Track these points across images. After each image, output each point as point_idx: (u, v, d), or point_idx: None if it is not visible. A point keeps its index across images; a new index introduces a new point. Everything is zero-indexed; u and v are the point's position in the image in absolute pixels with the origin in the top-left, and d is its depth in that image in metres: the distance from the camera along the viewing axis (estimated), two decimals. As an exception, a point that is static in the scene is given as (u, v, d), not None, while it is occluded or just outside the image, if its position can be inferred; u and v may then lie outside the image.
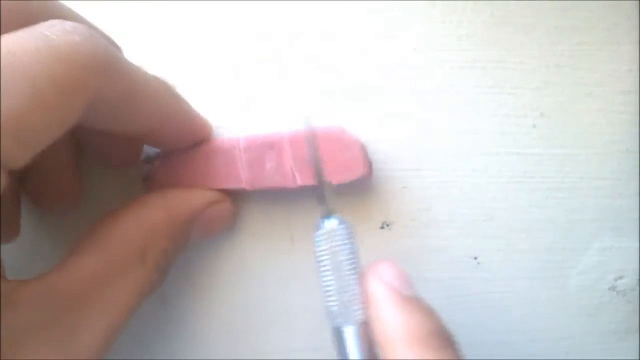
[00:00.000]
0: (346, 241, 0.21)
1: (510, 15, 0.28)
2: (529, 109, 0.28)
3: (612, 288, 0.28)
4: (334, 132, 0.25)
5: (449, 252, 0.27)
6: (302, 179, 0.24)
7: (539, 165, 0.28)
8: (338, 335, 0.21)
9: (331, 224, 0.21)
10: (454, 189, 0.27)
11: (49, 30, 0.17)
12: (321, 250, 0.21)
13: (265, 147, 0.25)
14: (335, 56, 0.27)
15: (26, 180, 0.23)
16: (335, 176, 0.24)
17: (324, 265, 0.21)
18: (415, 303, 0.20)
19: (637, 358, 0.28)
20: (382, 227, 0.27)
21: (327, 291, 0.21)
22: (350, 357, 0.21)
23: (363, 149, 0.25)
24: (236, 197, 0.26)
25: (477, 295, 0.27)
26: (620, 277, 0.28)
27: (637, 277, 0.28)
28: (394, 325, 0.20)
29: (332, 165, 0.24)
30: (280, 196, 0.26)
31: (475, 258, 0.27)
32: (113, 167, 0.26)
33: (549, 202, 0.28)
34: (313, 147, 0.23)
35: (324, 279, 0.21)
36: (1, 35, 0.17)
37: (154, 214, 0.22)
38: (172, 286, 0.26)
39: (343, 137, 0.25)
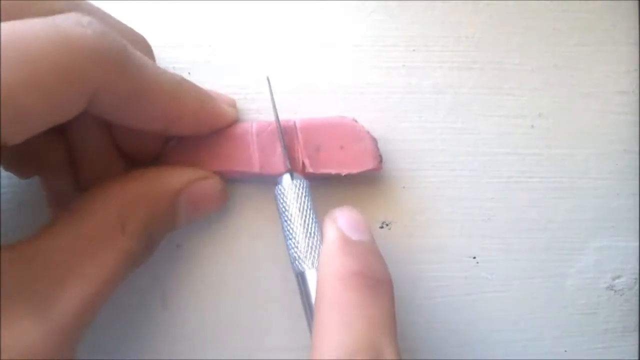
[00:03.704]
0: (308, 194, 0.23)
1: (509, 17, 0.28)
2: (527, 109, 0.28)
3: (610, 287, 0.28)
4: (347, 123, 0.25)
5: (448, 252, 0.27)
6: (311, 167, 0.25)
7: (538, 166, 0.28)
8: (302, 280, 0.22)
9: (295, 178, 0.23)
10: (453, 189, 0.28)
11: (64, 23, 0.18)
12: (289, 201, 0.23)
13: (277, 133, 0.25)
14: (336, 56, 0.27)
15: (80, 174, 0.24)
16: (345, 167, 0.25)
17: (291, 215, 0.23)
18: (356, 246, 0.21)
19: (636, 357, 0.28)
20: (381, 227, 0.27)
21: (293, 239, 0.23)
22: (313, 299, 0.22)
23: (374, 142, 0.25)
24: (241, 195, 0.26)
25: (475, 294, 0.28)
26: (618, 277, 0.28)
27: (635, 276, 0.28)
28: (329, 263, 0.21)
29: (343, 155, 0.25)
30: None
31: (474, 257, 0.28)
32: (132, 159, 0.26)
33: (547, 202, 0.28)
34: (275, 105, 0.24)
35: (291, 227, 0.23)
36: (18, 21, 0.17)
37: (133, 186, 0.22)
38: (172, 286, 0.26)
39: (355, 129, 0.25)
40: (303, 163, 0.25)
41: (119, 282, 0.21)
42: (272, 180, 0.24)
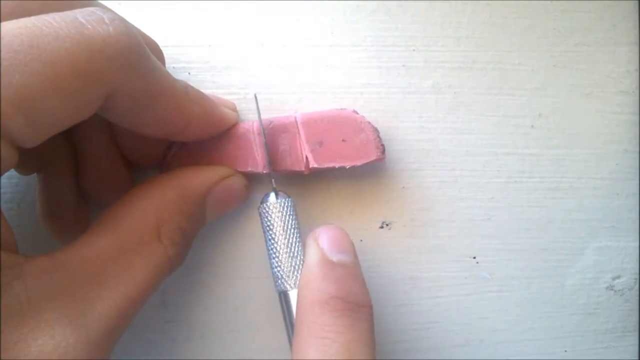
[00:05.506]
0: (293, 213, 0.23)
1: (509, 17, 0.28)
2: (527, 109, 0.28)
3: (610, 287, 0.28)
4: (348, 116, 0.25)
5: (448, 252, 0.27)
6: (314, 162, 0.25)
7: (538, 166, 0.28)
8: (285, 299, 0.22)
9: (280, 196, 0.23)
10: (453, 189, 0.28)
11: (86, 18, 0.17)
12: (273, 219, 0.23)
13: (279, 130, 0.25)
14: (336, 56, 0.27)
15: (84, 176, 0.24)
16: (348, 160, 0.25)
17: (275, 234, 0.23)
18: (334, 269, 0.21)
19: (636, 357, 0.28)
20: (381, 227, 0.27)
21: (276, 257, 0.23)
22: (294, 319, 0.22)
23: (376, 132, 0.25)
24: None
25: (475, 294, 0.28)
26: (618, 277, 0.28)
27: (635, 276, 0.28)
28: (308, 286, 0.21)
29: (345, 148, 0.25)
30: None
31: (474, 257, 0.28)
32: (134, 163, 0.26)
33: (547, 202, 0.28)
34: (264, 131, 0.24)
35: (275, 246, 0.23)
36: (39, 15, 0.17)
37: (166, 192, 0.22)
38: (172, 286, 0.26)
39: (356, 120, 0.25)
40: (306, 158, 0.25)
41: (155, 289, 0.21)
42: (276, 177, 0.24)
